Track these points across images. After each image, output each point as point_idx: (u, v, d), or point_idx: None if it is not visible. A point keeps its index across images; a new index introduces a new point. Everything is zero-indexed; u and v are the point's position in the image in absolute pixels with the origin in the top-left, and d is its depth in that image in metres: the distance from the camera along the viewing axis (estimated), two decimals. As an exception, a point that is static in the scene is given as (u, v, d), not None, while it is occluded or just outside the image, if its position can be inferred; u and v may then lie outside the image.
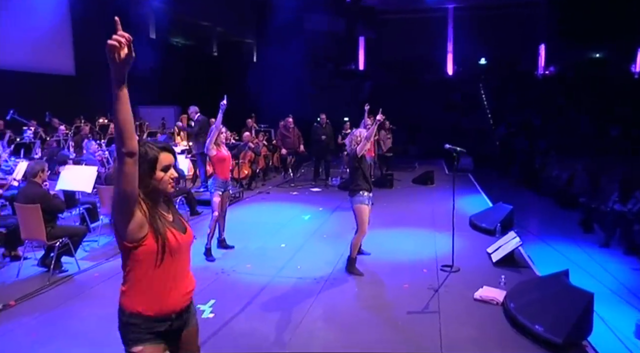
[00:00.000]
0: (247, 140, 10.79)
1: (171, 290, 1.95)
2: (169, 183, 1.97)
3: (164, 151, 1.98)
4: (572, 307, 3.73)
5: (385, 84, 22.72)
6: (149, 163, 1.91)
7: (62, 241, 4.91)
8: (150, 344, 1.92)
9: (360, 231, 5.13)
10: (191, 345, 2.15)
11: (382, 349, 3.58)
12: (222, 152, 5.72)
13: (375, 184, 10.74)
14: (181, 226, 2.04)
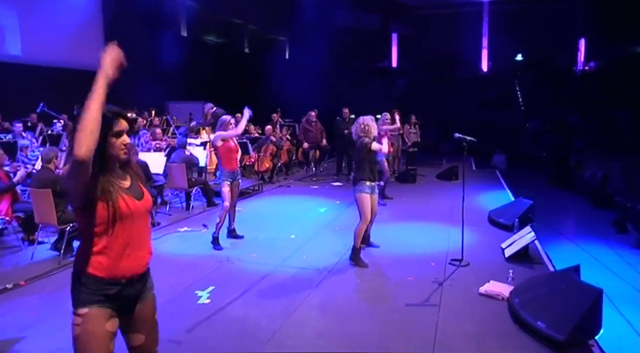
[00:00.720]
0: (269, 133, 10.84)
1: (123, 255, 1.94)
2: (120, 149, 1.96)
3: (117, 117, 1.97)
4: (577, 303, 3.52)
5: (418, 80, 22.41)
6: (103, 128, 1.88)
7: (72, 225, 5.03)
8: (97, 307, 1.91)
9: (362, 220, 5.08)
10: (145, 321, 2.12)
11: (371, 341, 3.48)
12: (230, 143, 5.71)
13: (398, 179, 10.70)
14: (138, 193, 2.02)
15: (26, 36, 10.69)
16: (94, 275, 1.91)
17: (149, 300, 2.13)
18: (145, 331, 2.13)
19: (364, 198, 5.03)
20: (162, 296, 4.16)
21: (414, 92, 22.51)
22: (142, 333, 2.12)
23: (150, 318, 2.15)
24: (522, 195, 9.53)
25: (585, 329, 3.45)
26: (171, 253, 5.54)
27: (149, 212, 2.11)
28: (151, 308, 2.15)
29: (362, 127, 5.11)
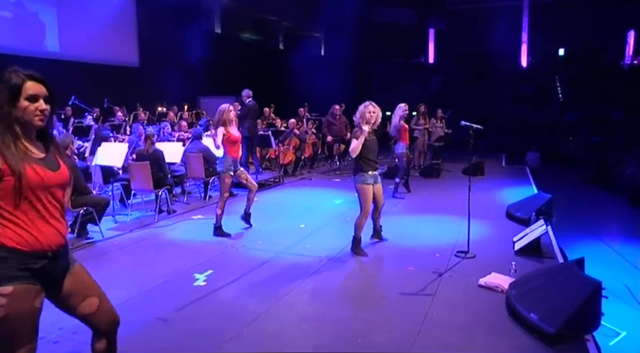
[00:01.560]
0: (293, 127, 10.90)
1: (41, 226, 1.88)
2: (34, 114, 1.85)
3: (32, 80, 1.87)
4: (573, 296, 3.36)
5: (454, 76, 21.97)
6: (11, 90, 1.82)
7: (86, 209, 5.23)
8: (22, 283, 1.81)
9: (362, 213, 4.98)
10: (87, 286, 2.10)
11: (353, 326, 3.45)
12: (232, 133, 5.72)
13: (421, 174, 10.52)
14: (53, 164, 1.94)
15: (64, 33, 11.17)
16: (14, 248, 1.81)
17: (77, 269, 2.08)
18: (94, 293, 2.11)
19: (365, 189, 4.91)
20: (161, 278, 4.32)
21: (450, 88, 22.08)
22: (92, 296, 2.09)
23: (88, 280, 2.11)
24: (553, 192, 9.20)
25: (581, 323, 3.29)
26: (180, 239, 5.67)
27: (65, 184, 2.00)
28: (82, 272, 2.10)
29: (363, 115, 4.92)
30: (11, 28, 10.04)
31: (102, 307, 2.14)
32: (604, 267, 5.48)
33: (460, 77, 21.73)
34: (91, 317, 2.12)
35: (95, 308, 2.11)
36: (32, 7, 10.54)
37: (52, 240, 1.90)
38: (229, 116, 5.66)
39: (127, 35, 12.87)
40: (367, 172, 4.91)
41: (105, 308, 2.17)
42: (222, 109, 5.67)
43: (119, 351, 2.89)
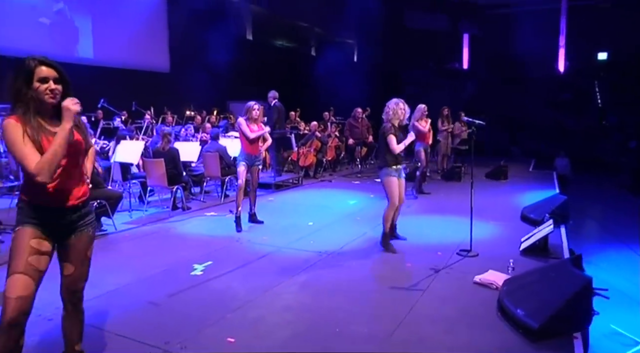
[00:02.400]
0: (314, 129, 10.98)
1: (55, 187, 2.21)
2: (45, 93, 2.17)
3: (43, 64, 2.18)
4: (560, 292, 3.27)
5: (488, 82, 21.58)
6: (26, 73, 2.15)
7: (99, 202, 5.46)
8: (29, 227, 2.22)
9: (390, 204, 5.03)
10: (78, 253, 2.38)
11: (335, 315, 3.46)
12: (253, 128, 5.90)
13: (443, 177, 10.38)
14: (73, 135, 2.26)
15: (98, 40, 11.70)
16: (28, 201, 2.25)
17: (84, 235, 2.39)
18: (76, 263, 2.38)
19: (391, 181, 5.00)
20: (161, 267, 4.46)
21: (484, 93, 21.68)
22: (72, 264, 2.38)
23: (82, 252, 2.40)
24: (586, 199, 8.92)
25: (568, 320, 3.18)
26: (188, 233, 5.83)
27: (79, 153, 2.33)
28: (85, 242, 2.40)
29: (393, 109, 5.04)
30: (48, 34, 10.60)
31: (72, 277, 2.40)
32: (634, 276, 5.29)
33: (494, 82, 21.33)
34: (64, 278, 2.42)
35: (67, 274, 2.40)
36: (69, 15, 11.09)
37: (59, 200, 2.26)
38: (252, 114, 5.86)
39: (158, 41, 13.34)
40: (392, 166, 4.99)
41: (73, 280, 2.41)
42: (247, 106, 5.97)
43: (108, 329, 3.08)
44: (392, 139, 4.97)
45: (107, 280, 4.12)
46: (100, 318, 3.35)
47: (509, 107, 19.94)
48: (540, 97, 19.41)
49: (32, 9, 10.24)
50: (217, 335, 3.11)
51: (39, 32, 10.39)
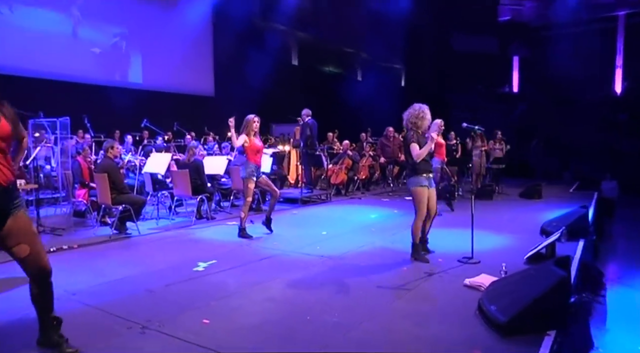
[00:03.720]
0: (346, 148, 11.20)
1: None
2: None
3: None
4: (533, 288, 3.24)
5: (539, 105, 21.01)
6: None
7: (124, 206, 5.92)
8: None
9: (418, 215, 4.89)
10: (24, 232, 2.54)
11: (310, 306, 3.60)
12: (256, 142, 6.14)
13: (475, 196, 10.20)
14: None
15: (146, 65, 12.65)
16: None
17: (20, 215, 2.53)
18: (27, 241, 2.53)
19: (420, 191, 4.86)
20: (168, 263, 4.77)
21: (535, 116, 21.11)
22: (24, 244, 2.53)
23: (28, 229, 2.56)
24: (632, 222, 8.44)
25: (540, 316, 3.13)
26: (204, 238, 6.15)
27: (6, 137, 2.48)
28: (25, 220, 2.56)
29: (415, 113, 4.92)
30: (101, 62, 11.59)
31: (33, 255, 2.56)
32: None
33: (545, 105, 20.74)
34: (22, 261, 2.57)
35: (26, 254, 2.54)
36: (122, 46, 12.10)
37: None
38: (252, 126, 6.12)
39: (203, 66, 14.20)
40: (422, 174, 4.89)
41: (35, 258, 2.57)
42: (247, 119, 6.17)
43: (101, 308, 3.39)
44: (414, 146, 4.87)
45: (116, 271, 4.48)
46: (97, 299, 3.67)
47: (561, 130, 19.32)
48: (593, 119, 18.67)
49: (89, 41, 11.29)
50: (195, 318, 3.33)
51: (91, 60, 11.40)
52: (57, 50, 10.54)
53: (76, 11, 11.10)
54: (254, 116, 6.16)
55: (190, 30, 13.56)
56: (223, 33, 14.59)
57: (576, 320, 3.57)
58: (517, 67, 25.00)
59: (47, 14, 10.42)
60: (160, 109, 11.95)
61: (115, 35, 11.98)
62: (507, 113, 21.84)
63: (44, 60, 10.10)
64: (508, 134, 21.06)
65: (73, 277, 4.26)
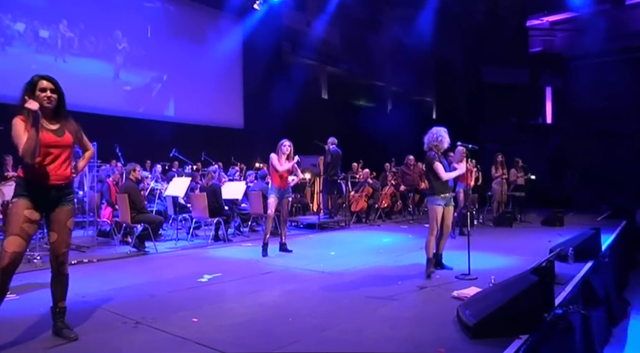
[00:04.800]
0: (366, 176, 11.42)
1: (44, 169, 2.94)
2: (43, 99, 2.93)
3: (43, 79, 2.99)
4: (506, 293, 3.34)
5: (574, 136, 20.67)
6: (31, 85, 2.96)
7: (142, 225, 6.33)
8: (23, 199, 2.93)
9: (430, 231, 5.14)
10: (60, 223, 3.06)
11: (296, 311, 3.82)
12: (283, 163, 6.50)
13: (494, 222, 10.16)
14: (60, 133, 3.02)
15: (178, 99, 13.44)
16: (24, 178, 2.97)
17: (65, 208, 3.07)
18: (58, 231, 3.05)
19: (436, 209, 5.09)
20: (176, 274, 5.08)
21: (570, 148, 20.75)
22: (55, 232, 3.05)
23: (64, 222, 3.06)
24: None
25: (510, 318, 3.20)
26: (216, 256, 6.45)
27: (67, 146, 3.06)
28: (65, 214, 3.08)
29: (434, 136, 5.21)
30: (134, 97, 12.44)
31: (56, 243, 3.06)
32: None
33: (581, 136, 20.38)
34: (50, 245, 3.09)
35: (54, 240, 3.06)
36: (153, 80, 12.95)
37: (45, 180, 2.96)
38: (282, 149, 6.52)
39: (233, 99, 14.92)
40: (439, 194, 5.12)
41: (57, 246, 3.06)
42: (280, 143, 6.61)
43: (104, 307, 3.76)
44: (438, 166, 5.08)
45: (126, 280, 4.83)
46: (102, 301, 4.00)
47: (596, 161, 18.89)
48: (629, 149, 18.22)
49: (127, 81, 12.22)
50: (186, 317, 3.58)
51: (126, 95, 12.28)
52: (100, 89, 11.54)
53: (119, 58, 12.15)
54: (284, 140, 6.54)
55: (220, 64, 14.37)
56: (252, 67, 15.33)
57: (557, 330, 3.60)
58: (550, 98, 24.77)
59: (94, 62, 11.61)
60: (191, 140, 12.57)
61: (151, 72, 12.87)
62: (541, 144, 21.56)
63: (89, 97, 11.05)
64: (542, 165, 20.74)
65: (86, 284, 4.63)
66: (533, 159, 18.74)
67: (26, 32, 10.27)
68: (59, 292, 3.14)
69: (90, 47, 11.50)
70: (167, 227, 8.20)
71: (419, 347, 3.05)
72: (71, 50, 11.10)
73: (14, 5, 10.13)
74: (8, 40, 10.06)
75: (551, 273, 3.77)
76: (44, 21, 10.60)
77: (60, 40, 10.85)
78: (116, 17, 12.03)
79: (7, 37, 10.05)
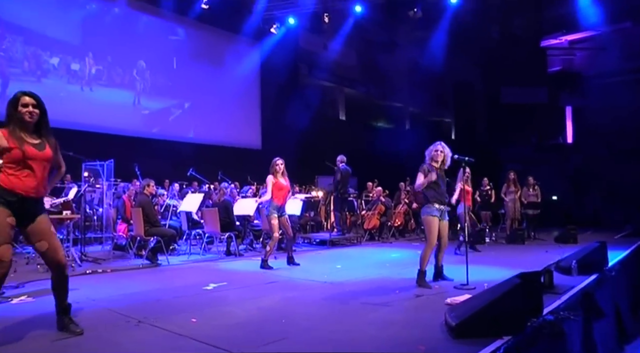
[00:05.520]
0: (379, 194, 11.56)
1: (21, 180, 3.09)
2: (25, 113, 3.11)
3: (25, 95, 3.15)
4: (488, 296, 3.45)
5: (596, 156, 20.41)
6: (14, 101, 3.13)
7: (155, 239, 6.62)
8: (2, 207, 3.03)
9: (427, 244, 5.21)
10: (44, 231, 3.20)
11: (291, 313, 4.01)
12: (281, 181, 6.73)
13: (506, 240, 10.13)
14: (41, 147, 3.18)
15: (197, 121, 13.93)
16: (2, 186, 3.05)
17: (42, 218, 3.22)
18: (47, 239, 3.20)
19: (431, 221, 5.14)
20: (184, 283, 5.31)
21: (592, 168, 20.48)
22: (44, 241, 3.19)
23: (48, 229, 3.24)
24: None
25: (491, 320, 3.29)
26: (225, 268, 6.67)
27: (47, 160, 3.20)
28: (45, 220, 3.25)
29: (432, 149, 5.35)
30: (154, 119, 13.00)
31: (50, 251, 3.23)
32: None
33: (603, 155, 20.11)
34: (43, 255, 3.25)
35: (45, 249, 3.22)
36: (170, 103, 13.51)
37: (25, 190, 3.10)
38: (275, 168, 6.75)
39: (251, 122, 15.39)
40: (433, 203, 5.17)
41: (52, 253, 3.24)
42: (273, 162, 6.80)
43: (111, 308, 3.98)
44: (419, 176, 5.22)
45: (136, 287, 5.09)
46: (110, 303, 4.25)
47: (621, 181, 18.60)
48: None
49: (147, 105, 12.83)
50: (186, 318, 3.79)
51: (147, 117, 12.85)
52: (122, 113, 12.27)
53: (140, 85, 12.82)
54: (276, 159, 6.76)
55: (238, 86, 14.91)
56: (270, 89, 15.80)
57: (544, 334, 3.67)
58: (571, 117, 24.53)
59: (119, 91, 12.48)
60: (209, 160, 12.96)
61: (171, 97, 13.46)
62: (562, 164, 21.34)
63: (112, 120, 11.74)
64: (564, 185, 20.42)
65: (97, 289, 4.90)
66: (554, 178, 18.56)
67: (60, 65, 11.32)
68: (63, 294, 3.34)
69: (117, 77, 12.40)
70: (182, 243, 8.48)
71: (400, 345, 3.18)
72: (98, 81, 12.01)
73: (52, 42, 11.21)
74: (44, 73, 11.08)
75: (537, 279, 3.84)
76: (76, 55, 11.62)
77: (88, 71, 11.81)
78: (140, 48, 12.85)
79: (44, 70, 11.08)
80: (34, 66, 10.87)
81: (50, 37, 11.11)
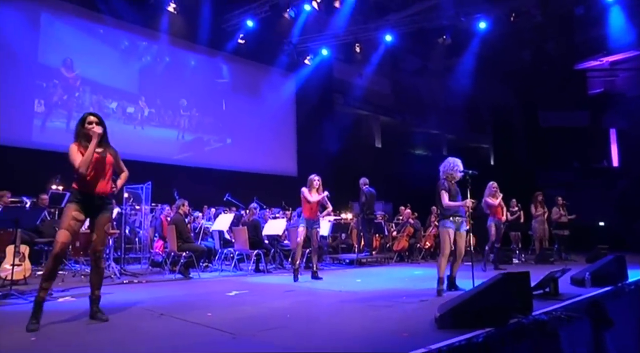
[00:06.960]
0: (407, 217, 11.80)
1: (90, 182, 3.80)
2: (88, 129, 3.81)
3: (90, 115, 3.93)
4: (473, 291, 3.72)
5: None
6: (82, 120, 3.89)
7: (187, 253, 7.18)
8: (74, 204, 3.76)
9: (442, 254, 5.55)
10: (99, 227, 3.89)
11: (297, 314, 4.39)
12: (313, 196, 7.20)
13: (535, 260, 10.07)
14: (105, 154, 3.88)
15: (235, 150, 14.74)
16: (75, 188, 3.82)
17: (103, 215, 3.92)
18: (97, 233, 3.89)
19: (446, 233, 5.49)
20: (210, 290, 5.78)
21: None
22: (95, 233, 3.89)
23: (102, 226, 3.90)
24: None
25: (475, 312, 3.53)
26: (250, 281, 7.09)
27: (106, 165, 3.90)
28: (104, 220, 3.92)
29: (450, 165, 5.68)
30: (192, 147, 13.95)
31: (95, 241, 3.92)
32: None
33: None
34: (92, 243, 3.92)
35: (94, 239, 3.92)
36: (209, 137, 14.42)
37: (94, 190, 3.83)
38: (312, 183, 7.25)
39: (287, 150, 16.07)
40: (449, 218, 5.52)
41: (95, 242, 3.91)
42: (309, 178, 7.36)
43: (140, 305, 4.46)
44: (444, 194, 5.58)
45: (165, 293, 5.62)
46: (139, 302, 4.78)
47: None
48: None
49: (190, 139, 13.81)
50: (203, 313, 4.24)
51: (187, 146, 13.80)
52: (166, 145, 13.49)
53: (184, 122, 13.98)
54: (313, 175, 7.33)
55: (274, 115, 15.69)
56: (305, 119, 16.44)
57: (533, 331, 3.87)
58: (615, 140, 23.82)
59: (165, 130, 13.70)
60: (245, 186, 13.63)
61: (212, 131, 14.46)
62: (608, 188, 20.70)
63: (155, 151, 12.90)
64: (610, 210, 19.75)
65: (131, 294, 5.46)
66: (600, 203, 18.06)
67: (117, 109, 12.81)
68: (96, 281, 3.94)
69: (166, 117, 13.74)
70: (215, 262, 9.00)
71: (388, 334, 3.48)
72: (151, 123, 13.40)
73: (112, 90, 12.73)
74: (105, 116, 11.97)
75: (523, 278, 4.06)
76: (130, 100, 13.09)
77: (140, 113, 13.21)
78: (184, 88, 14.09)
79: (104, 114, 11.95)
80: (97, 110, 12.04)
81: (111, 86, 12.64)
